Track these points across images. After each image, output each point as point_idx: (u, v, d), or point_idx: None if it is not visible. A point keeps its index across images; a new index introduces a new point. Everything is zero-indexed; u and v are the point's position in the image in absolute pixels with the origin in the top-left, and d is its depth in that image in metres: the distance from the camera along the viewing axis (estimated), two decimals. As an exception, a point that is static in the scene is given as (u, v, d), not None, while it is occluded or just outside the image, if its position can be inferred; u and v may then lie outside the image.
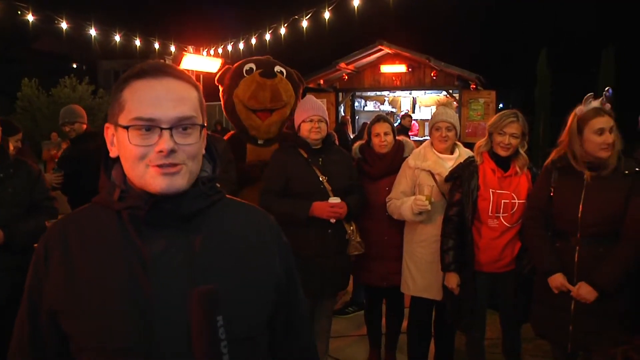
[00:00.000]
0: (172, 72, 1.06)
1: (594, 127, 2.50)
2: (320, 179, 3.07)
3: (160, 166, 1.00)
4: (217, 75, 4.02)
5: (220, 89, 4.00)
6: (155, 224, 1.02)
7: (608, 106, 2.57)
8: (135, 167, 1.02)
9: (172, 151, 1.00)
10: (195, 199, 1.06)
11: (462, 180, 2.91)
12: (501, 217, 2.85)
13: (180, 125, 1.02)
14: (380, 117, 3.43)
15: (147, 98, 1.02)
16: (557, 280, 2.57)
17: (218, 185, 1.14)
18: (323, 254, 3.04)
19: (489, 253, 2.87)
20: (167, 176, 1.01)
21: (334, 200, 3.00)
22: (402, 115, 11.61)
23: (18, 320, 1.09)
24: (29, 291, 1.07)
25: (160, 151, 1.00)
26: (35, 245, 2.78)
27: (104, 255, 1.02)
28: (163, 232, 1.02)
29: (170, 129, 1.01)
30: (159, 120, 1.00)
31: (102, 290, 0.99)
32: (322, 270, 3.03)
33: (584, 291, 2.50)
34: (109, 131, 1.08)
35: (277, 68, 3.90)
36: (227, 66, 4.12)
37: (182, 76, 1.07)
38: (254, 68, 3.86)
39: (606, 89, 2.60)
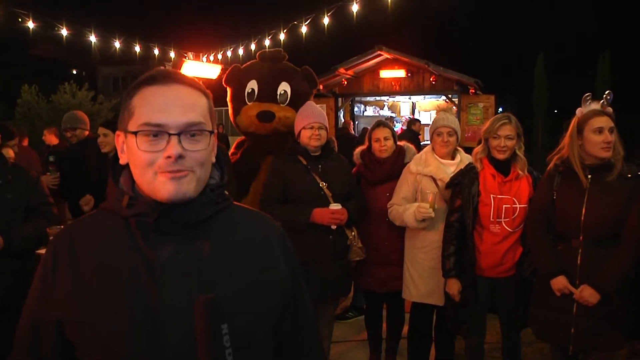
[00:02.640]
0: (182, 79, 1.06)
1: (593, 125, 2.52)
2: (321, 186, 3.07)
3: (168, 172, 1.00)
4: (225, 76, 4.00)
5: (228, 91, 4.00)
6: (163, 231, 1.02)
7: (610, 110, 2.59)
8: (144, 173, 1.02)
9: (180, 157, 1.00)
10: (204, 206, 1.06)
11: (462, 186, 2.92)
12: (503, 222, 2.86)
13: (189, 131, 1.02)
14: (380, 123, 3.44)
15: (156, 104, 1.02)
16: (560, 282, 2.58)
17: (226, 192, 1.14)
18: (323, 260, 3.05)
19: (490, 258, 2.88)
20: (174, 181, 1.00)
21: (335, 206, 3.00)
22: (412, 120, 11.30)
23: (19, 328, 1.08)
24: (34, 299, 1.07)
25: (168, 157, 1.00)
26: (35, 251, 2.78)
27: (111, 261, 1.02)
28: (170, 238, 1.03)
29: (179, 134, 1.01)
30: (167, 126, 1.01)
31: (109, 296, 0.99)
32: (323, 275, 3.03)
33: (587, 294, 2.51)
34: (119, 139, 1.09)
35: (282, 88, 3.79)
36: (234, 65, 4.08)
37: (192, 83, 1.08)
38: (255, 90, 3.79)
39: (607, 92, 2.61)
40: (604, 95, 2.60)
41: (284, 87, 3.81)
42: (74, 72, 27.68)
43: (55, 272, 1.04)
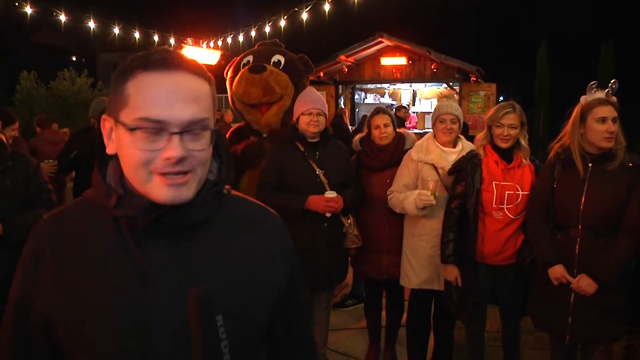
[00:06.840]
0: (184, 65, 0.92)
1: (596, 115, 2.50)
2: (317, 173, 3.05)
3: (166, 175, 0.90)
4: (226, 69, 4.05)
5: (228, 78, 4.01)
6: (155, 233, 0.94)
7: (614, 99, 2.55)
8: (137, 172, 0.91)
9: (181, 159, 0.89)
10: (200, 209, 0.96)
11: (465, 173, 2.89)
12: (505, 209, 2.84)
13: (192, 129, 0.91)
14: (379, 110, 3.41)
15: (156, 95, 0.89)
16: (557, 271, 2.57)
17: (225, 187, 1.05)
18: (318, 247, 3.04)
19: (492, 245, 2.86)
20: (172, 187, 0.90)
21: (330, 194, 2.99)
22: (397, 107, 11.30)
23: (2, 327, 1.01)
24: (18, 296, 0.99)
25: (168, 158, 0.88)
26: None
27: (98, 258, 0.94)
28: (163, 240, 0.95)
29: (181, 133, 0.89)
30: (169, 123, 0.88)
31: (96, 294, 0.92)
32: (317, 262, 3.03)
33: (584, 283, 2.50)
34: (106, 124, 0.96)
35: (276, 57, 3.82)
36: (235, 58, 4.11)
37: (195, 69, 0.94)
38: (250, 61, 3.83)
39: (612, 81, 2.57)
40: (609, 84, 2.57)
41: (278, 57, 3.85)
42: (74, 58, 27.59)
43: (39, 268, 0.96)
